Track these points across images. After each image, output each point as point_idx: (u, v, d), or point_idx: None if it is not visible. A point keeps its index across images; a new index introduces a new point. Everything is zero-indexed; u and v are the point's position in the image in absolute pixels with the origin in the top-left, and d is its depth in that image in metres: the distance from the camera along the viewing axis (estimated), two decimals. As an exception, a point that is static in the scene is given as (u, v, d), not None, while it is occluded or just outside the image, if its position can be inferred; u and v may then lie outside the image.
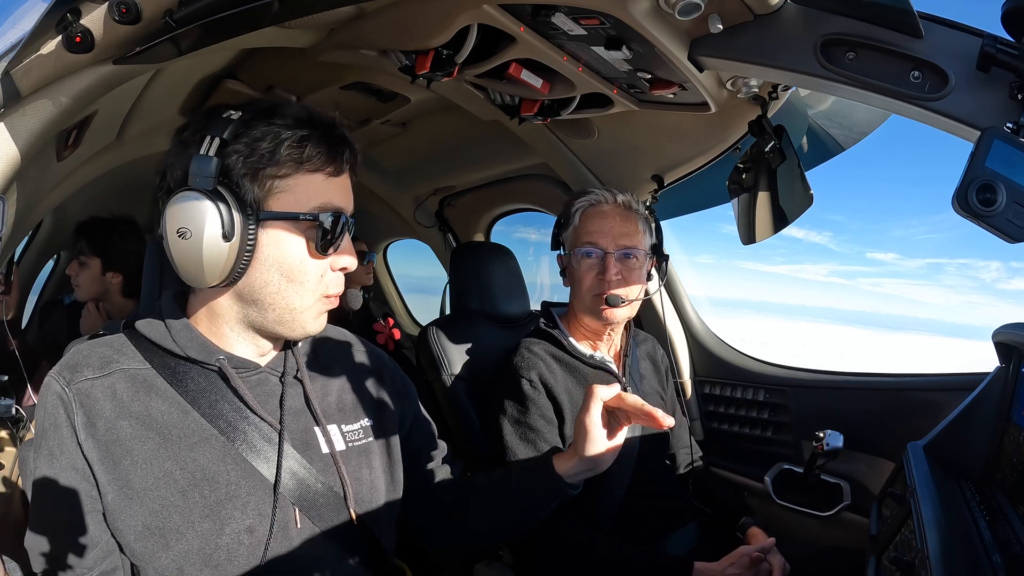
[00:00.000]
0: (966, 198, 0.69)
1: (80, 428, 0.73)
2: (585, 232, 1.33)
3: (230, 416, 0.80)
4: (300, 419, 0.86)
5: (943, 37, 0.79)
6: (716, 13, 0.92)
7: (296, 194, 0.77)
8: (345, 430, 0.90)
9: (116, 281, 1.94)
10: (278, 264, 0.77)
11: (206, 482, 0.76)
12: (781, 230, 1.31)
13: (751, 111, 1.25)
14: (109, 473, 0.73)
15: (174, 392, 0.79)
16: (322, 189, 0.79)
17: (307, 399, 0.87)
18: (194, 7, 0.79)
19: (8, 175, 0.88)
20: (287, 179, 0.76)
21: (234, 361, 0.82)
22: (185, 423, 0.78)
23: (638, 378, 1.45)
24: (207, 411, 0.79)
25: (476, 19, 1.03)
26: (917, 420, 1.30)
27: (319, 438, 0.86)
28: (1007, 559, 0.71)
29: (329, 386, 0.92)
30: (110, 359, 0.78)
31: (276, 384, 0.86)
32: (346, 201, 0.82)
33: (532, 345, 1.35)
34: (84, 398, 0.74)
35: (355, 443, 0.90)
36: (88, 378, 0.75)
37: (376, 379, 0.99)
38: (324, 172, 0.79)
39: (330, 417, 0.89)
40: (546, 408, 1.29)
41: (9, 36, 0.86)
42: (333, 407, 0.91)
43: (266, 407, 0.83)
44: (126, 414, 0.75)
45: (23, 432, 1.45)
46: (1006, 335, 1.03)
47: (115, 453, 0.74)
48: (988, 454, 0.99)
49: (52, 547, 0.75)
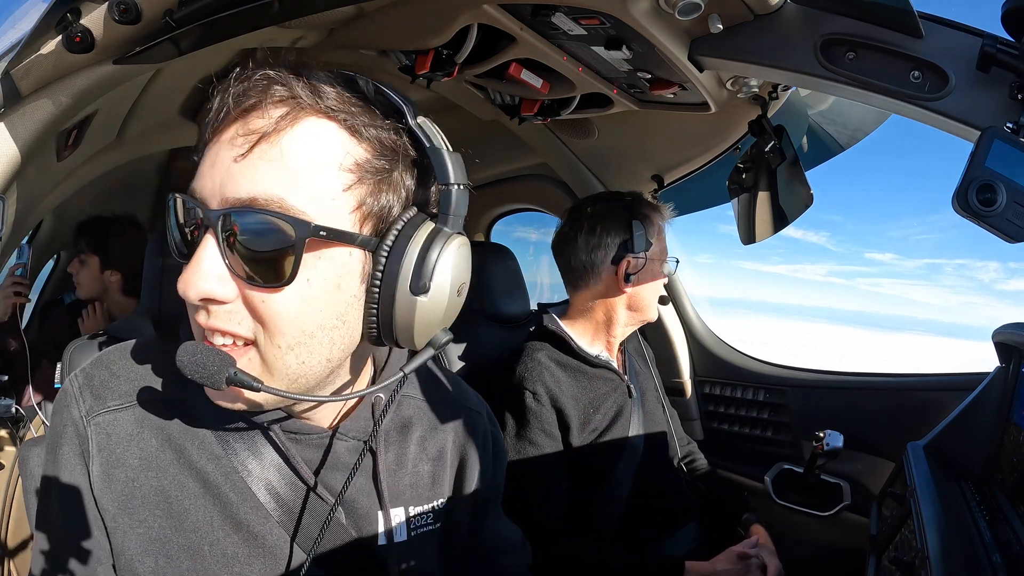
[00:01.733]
0: (966, 198, 0.69)
1: (95, 478, 0.59)
2: (666, 243, 1.42)
3: (275, 484, 0.64)
4: (362, 498, 0.68)
5: (943, 37, 0.79)
6: (716, 13, 0.92)
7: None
8: (412, 513, 0.72)
9: (115, 279, 1.94)
10: None
11: (237, 564, 0.61)
12: (781, 230, 1.32)
13: (751, 111, 1.25)
14: (125, 531, 0.60)
15: (215, 444, 0.63)
16: None
17: (375, 475, 0.68)
18: (194, 7, 0.79)
19: (8, 175, 0.88)
20: None
21: (288, 425, 0.65)
22: (223, 491, 0.62)
23: (635, 375, 1.46)
24: (251, 472, 0.63)
25: (476, 19, 1.03)
26: (917, 420, 1.30)
27: (379, 525, 0.68)
28: (1007, 559, 0.71)
29: (406, 455, 0.73)
30: (143, 380, 0.63)
31: (342, 452, 0.68)
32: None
33: (536, 352, 1.33)
34: (104, 438, 0.60)
35: (419, 530, 0.72)
36: (111, 408, 0.61)
37: (468, 442, 0.79)
38: None
39: (399, 498, 0.71)
40: (548, 422, 1.27)
41: (9, 36, 0.86)
42: (406, 484, 0.72)
43: (324, 480, 0.66)
44: (152, 465, 0.60)
45: (23, 432, 1.45)
46: (1006, 335, 1.03)
47: (135, 509, 0.60)
48: (988, 454, 0.99)
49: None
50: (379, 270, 0.56)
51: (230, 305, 0.54)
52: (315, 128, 0.55)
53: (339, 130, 0.56)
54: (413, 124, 0.58)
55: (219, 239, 0.53)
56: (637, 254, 1.34)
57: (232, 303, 0.54)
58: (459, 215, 0.59)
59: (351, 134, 0.56)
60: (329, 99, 0.55)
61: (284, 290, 0.53)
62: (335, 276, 0.56)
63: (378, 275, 0.57)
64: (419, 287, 0.56)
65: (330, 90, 0.56)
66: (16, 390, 1.65)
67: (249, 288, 0.53)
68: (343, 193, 0.55)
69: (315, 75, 0.56)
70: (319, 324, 0.56)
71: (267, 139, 0.53)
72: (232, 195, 0.53)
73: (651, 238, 1.37)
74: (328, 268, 0.55)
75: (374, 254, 0.57)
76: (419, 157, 0.60)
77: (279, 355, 0.55)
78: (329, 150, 0.55)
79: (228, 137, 0.54)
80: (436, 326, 0.60)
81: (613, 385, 1.37)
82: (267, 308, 0.54)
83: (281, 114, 0.54)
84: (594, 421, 1.31)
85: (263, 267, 0.53)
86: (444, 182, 0.58)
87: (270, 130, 0.53)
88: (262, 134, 0.53)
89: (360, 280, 0.58)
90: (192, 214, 0.56)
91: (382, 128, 0.57)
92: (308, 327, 0.55)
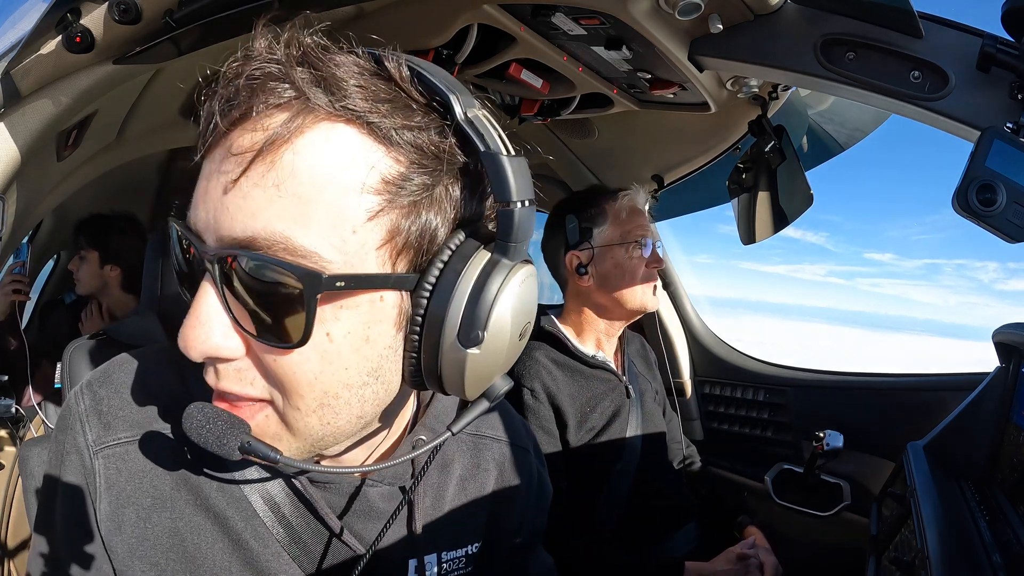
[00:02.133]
0: (966, 198, 0.69)
1: (103, 518, 0.52)
2: (637, 225, 1.38)
3: (299, 531, 0.56)
4: (393, 547, 0.60)
5: (943, 37, 0.79)
6: (716, 13, 0.92)
7: None
8: (445, 559, 0.64)
9: (114, 275, 1.95)
10: None
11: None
12: (781, 230, 1.32)
13: (751, 111, 1.25)
14: (135, 573, 0.53)
15: (235, 484, 0.55)
16: None
17: (410, 523, 0.60)
18: (194, 7, 0.79)
19: (8, 175, 0.88)
20: None
21: (312, 474, 0.56)
22: (243, 536, 0.54)
23: (634, 376, 1.46)
24: (271, 516, 0.56)
25: (476, 19, 1.03)
26: (917, 420, 1.30)
27: (410, 573, 0.61)
28: (1007, 559, 0.71)
29: (443, 497, 0.64)
30: (156, 407, 0.55)
31: (374, 498, 0.59)
32: None
33: (533, 351, 1.34)
34: (113, 474, 0.52)
35: (453, 574, 0.65)
36: (122, 441, 0.53)
37: (511, 481, 0.70)
38: None
39: (432, 544, 0.62)
40: (546, 419, 1.28)
41: (9, 36, 0.86)
42: (441, 528, 0.63)
43: (352, 528, 0.58)
44: (166, 504, 0.53)
45: (23, 432, 1.45)
46: (1006, 335, 1.03)
47: (145, 553, 0.53)
48: (988, 454, 0.99)
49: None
50: (419, 314, 0.45)
51: (239, 362, 0.45)
52: (328, 136, 0.42)
53: (361, 137, 0.42)
54: (462, 120, 0.44)
55: (217, 285, 0.43)
56: (579, 247, 1.38)
57: (240, 360, 0.45)
58: (524, 240, 0.45)
59: (378, 141, 0.43)
60: (348, 95, 0.42)
61: (297, 351, 0.43)
62: (362, 328, 0.44)
63: (418, 319, 0.45)
64: (471, 338, 0.44)
65: (350, 82, 0.42)
66: (16, 390, 1.65)
67: (258, 345, 0.44)
68: (368, 223, 0.42)
69: (331, 60, 0.43)
70: (345, 384, 0.45)
71: (263, 158, 0.40)
72: (227, 233, 0.42)
73: (595, 226, 1.39)
74: (353, 319, 0.44)
75: (413, 293, 0.45)
76: (470, 163, 0.46)
77: (299, 417, 0.46)
78: (348, 166, 0.41)
79: (218, 158, 0.43)
80: (493, 376, 0.49)
81: (611, 385, 1.38)
82: (280, 369, 0.43)
83: (281, 122, 0.41)
84: (591, 420, 1.32)
85: (271, 322, 0.42)
86: (504, 199, 0.43)
87: (267, 145, 0.40)
88: (257, 152, 0.40)
89: (396, 328, 0.46)
90: (191, 249, 0.46)
91: (421, 129, 0.44)
92: (331, 388, 0.45)
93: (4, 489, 1.39)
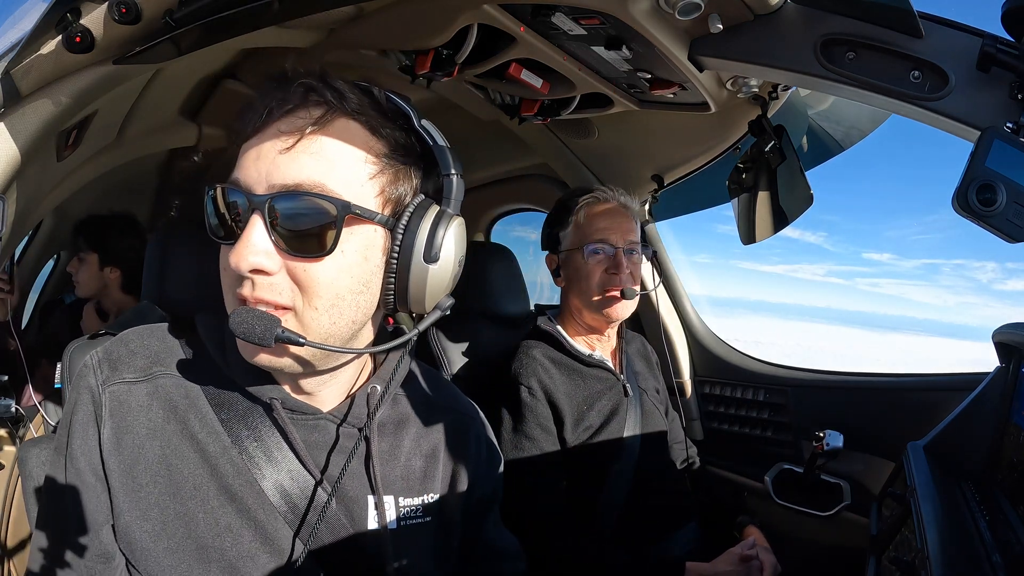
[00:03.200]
0: (966, 198, 0.69)
1: (105, 440, 0.66)
2: (594, 229, 1.35)
3: (270, 459, 0.69)
4: (354, 482, 0.72)
5: (943, 37, 0.79)
6: (716, 13, 0.92)
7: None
8: (403, 504, 0.75)
9: (114, 276, 1.95)
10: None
11: (228, 534, 0.66)
12: (781, 230, 1.32)
13: (751, 111, 1.25)
14: (127, 496, 0.65)
15: (215, 421, 0.69)
16: None
17: (368, 461, 0.73)
18: (194, 7, 0.79)
19: (8, 175, 0.88)
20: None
21: (290, 402, 0.70)
22: (220, 461, 0.67)
23: (633, 375, 1.45)
24: (248, 452, 0.68)
25: (476, 19, 1.03)
26: (917, 420, 1.30)
27: (369, 510, 0.72)
28: (1007, 559, 0.71)
29: (399, 447, 0.78)
30: (157, 359, 0.70)
31: (337, 435, 0.73)
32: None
33: (531, 349, 1.35)
34: (117, 405, 0.66)
35: (409, 521, 0.75)
36: (127, 380, 0.68)
37: (460, 443, 0.83)
38: None
39: (390, 487, 0.75)
40: (544, 416, 1.28)
41: (9, 36, 0.86)
42: (398, 475, 0.76)
43: (317, 461, 0.70)
44: (157, 434, 0.67)
45: (23, 432, 1.45)
46: (1006, 335, 1.03)
47: (138, 476, 0.65)
48: (988, 454, 0.99)
49: (55, 547, 0.67)
50: (397, 244, 0.66)
51: (273, 277, 0.62)
52: (345, 127, 0.65)
53: (363, 129, 0.66)
54: (418, 125, 0.69)
55: (265, 219, 0.61)
56: (555, 250, 1.42)
57: (275, 275, 0.62)
58: (459, 200, 0.70)
59: (372, 133, 0.66)
60: (354, 103, 0.65)
61: (324, 260, 0.62)
62: (363, 248, 0.65)
63: (396, 248, 0.66)
64: (431, 257, 0.66)
65: (353, 96, 0.65)
66: (16, 390, 1.65)
67: (292, 260, 0.62)
68: (369, 180, 0.65)
69: (339, 83, 0.66)
70: (349, 288, 0.65)
71: (308, 135, 0.62)
72: (279, 181, 0.62)
73: (561, 230, 1.40)
74: (358, 241, 0.65)
75: (392, 231, 0.67)
76: (423, 153, 0.70)
77: (315, 316, 0.64)
78: (358, 145, 0.65)
79: (272, 133, 0.63)
80: (443, 292, 0.70)
81: (608, 384, 1.37)
82: (308, 276, 0.63)
83: (319, 114, 0.63)
84: (588, 419, 1.32)
85: (306, 241, 0.62)
86: (446, 172, 0.69)
87: (309, 128, 0.62)
88: (304, 131, 0.62)
89: (382, 253, 0.67)
90: (235, 200, 0.64)
91: (395, 128, 0.68)
92: (341, 291, 0.64)
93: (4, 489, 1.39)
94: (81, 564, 0.66)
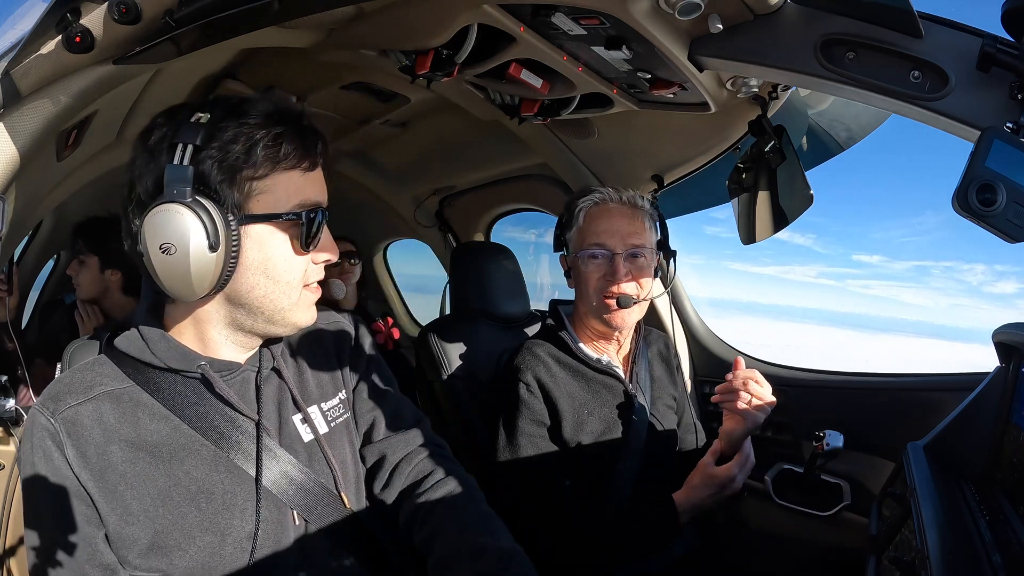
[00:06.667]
0: (966, 198, 0.69)
1: (72, 460, 0.71)
2: (592, 232, 1.30)
3: (218, 423, 0.79)
4: (283, 411, 0.85)
5: (943, 37, 0.79)
6: (716, 13, 0.92)
7: (276, 194, 0.76)
8: (326, 408, 0.90)
9: (115, 278, 1.94)
10: (263, 266, 0.77)
11: (202, 495, 0.76)
12: (781, 230, 1.31)
13: (751, 111, 1.25)
14: (107, 501, 0.72)
15: (160, 407, 0.78)
16: (300, 186, 0.78)
17: (284, 387, 0.86)
18: (194, 7, 0.79)
19: (8, 175, 0.88)
20: (265, 179, 0.75)
21: (216, 365, 0.81)
22: (175, 438, 0.77)
23: (645, 384, 1.40)
24: (195, 422, 0.78)
25: (476, 19, 1.03)
26: (917, 420, 1.30)
27: (300, 427, 0.86)
28: (1007, 559, 0.71)
29: (304, 366, 0.92)
30: (92, 382, 0.76)
31: (254, 380, 0.85)
32: (322, 194, 0.82)
33: (535, 347, 1.34)
34: (71, 427, 0.72)
35: (337, 420, 0.91)
36: (72, 405, 0.73)
37: (348, 344, 0.98)
38: (300, 168, 0.78)
39: (310, 398, 0.89)
40: (539, 412, 1.27)
41: (9, 36, 0.86)
42: (312, 387, 0.90)
43: (249, 404, 0.82)
44: (115, 438, 0.74)
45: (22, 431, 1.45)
46: (1006, 335, 1.03)
47: (110, 479, 0.72)
48: (988, 454, 0.99)
49: (53, 564, 0.73)
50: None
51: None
52: None
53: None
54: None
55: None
56: (565, 251, 1.39)
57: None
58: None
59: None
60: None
61: None
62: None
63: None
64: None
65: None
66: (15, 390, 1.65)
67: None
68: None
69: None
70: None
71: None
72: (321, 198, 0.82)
73: (567, 232, 1.37)
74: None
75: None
76: None
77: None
78: None
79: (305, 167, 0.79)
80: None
81: (614, 392, 1.34)
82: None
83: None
84: (589, 423, 1.29)
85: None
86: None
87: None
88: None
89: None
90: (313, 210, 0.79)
91: None
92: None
93: (3, 489, 1.39)
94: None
